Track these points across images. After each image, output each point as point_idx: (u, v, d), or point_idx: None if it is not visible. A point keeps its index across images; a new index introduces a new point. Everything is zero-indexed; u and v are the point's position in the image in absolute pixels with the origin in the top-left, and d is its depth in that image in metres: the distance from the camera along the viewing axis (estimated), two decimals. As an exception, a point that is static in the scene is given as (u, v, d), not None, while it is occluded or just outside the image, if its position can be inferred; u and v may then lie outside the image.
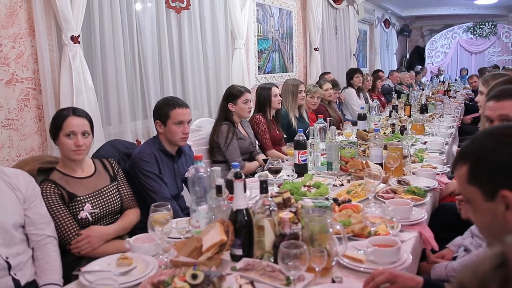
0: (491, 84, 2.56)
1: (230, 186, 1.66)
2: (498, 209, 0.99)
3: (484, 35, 13.46)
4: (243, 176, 1.54)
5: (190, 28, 4.09)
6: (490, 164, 1.00)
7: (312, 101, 4.56)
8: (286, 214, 1.48)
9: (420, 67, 12.19)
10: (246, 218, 1.51)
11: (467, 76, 11.87)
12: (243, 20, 4.71)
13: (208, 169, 1.69)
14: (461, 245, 2.18)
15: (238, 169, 1.58)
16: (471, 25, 13.56)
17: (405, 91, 6.24)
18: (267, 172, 2.31)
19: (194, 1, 4.07)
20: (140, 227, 2.17)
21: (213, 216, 1.64)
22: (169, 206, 1.63)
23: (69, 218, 2.00)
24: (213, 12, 4.39)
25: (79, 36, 2.83)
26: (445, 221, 2.54)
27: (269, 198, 1.53)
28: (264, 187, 1.51)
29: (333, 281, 1.40)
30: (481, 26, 13.41)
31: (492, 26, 13.33)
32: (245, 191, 1.69)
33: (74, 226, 2.00)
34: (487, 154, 1.01)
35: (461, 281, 0.61)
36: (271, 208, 1.49)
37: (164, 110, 2.48)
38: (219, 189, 1.60)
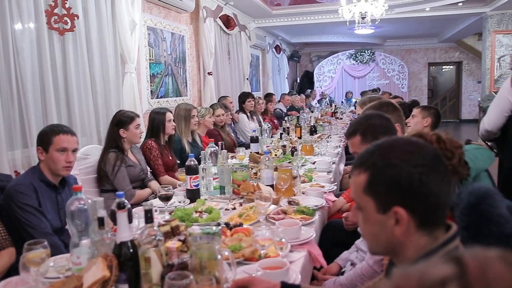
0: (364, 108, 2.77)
1: (114, 217, 1.57)
2: (388, 222, 1.01)
3: (364, 61, 14.69)
4: (127, 206, 1.47)
5: (76, 51, 3.90)
6: (390, 179, 1.01)
7: (210, 120, 4.58)
8: (173, 243, 1.44)
9: (310, 90, 12.88)
10: (131, 250, 1.44)
11: (352, 98, 12.80)
12: (133, 44, 4.61)
13: (89, 200, 1.58)
14: (348, 260, 2.29)
15: (123, 199, 1.50)
16: (353, 52, 14.73)
17: (293, 117, 6.50)
18: (152, 201, 2.23)
19: (80, 23, 3.90)
20: (17, 268, 1.97)
21: (96, 251, 1.54)
22: (45, 243, 1.49)
23: None
24: (101, 35, 4.23)
25: None
26: (334, 238, 2.66)
27: (155, 228, 1.47)
28: (149, 216, 1.45)
29: (224, 309, 1.38)
30: (361, 53, 14.64)
31: (371, 54, 14.62)
32: (130, 222, 1.61)
33: None
34: (389, 169, 1.01)
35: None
36: (157, 238, 1.44)
37: (47, 135, 2.32)
38: (101, 222, 1.50)
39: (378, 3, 6.70)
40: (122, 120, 3.24)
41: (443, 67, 16.01)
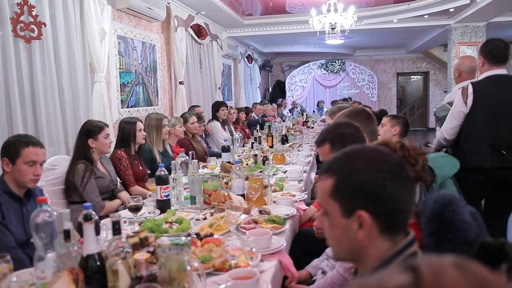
0: (337, 115, 2.81)
1: (81, 229, 1.54)
2: (352, 226, 1.04)
3: (335, 71, 14.92)
4: (94, 218, 1.44)
5: (43, 60, 3.83)
6: (355, 184, 1.04)
7: (181, 130, 4.55)
8: (141, 255, 1.42)
9: (281, 99, 12.97)
10: (98, 263, 1.41)
11: (324, 107, 12.96)
12: (103, 53, 4.56)
13: (55, 212, 1.54)
14: (319, 268, 2.31)
15: (90, 210, 1.47)
16: (324, 62, 14.94)
17: (266, 123, 6.54)
18: (120, 212, 2.20)
19: (47, 31, 3.83)
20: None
21: (61, 265, 1.50)
22: (8, 257, 1.45)
23: None
24: (69, 43, 4.17)
25: None
26: (305, 246, 2.67)
27: (123, 239, 1.45)
28: (116, 228, 1.43)
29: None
30: (332, 63, 14.86)
31: (341, 64, 14.86)
32: (98, 234, 1.58)
33: None
34: (355, 174, 1.05)
35: None
36: (125, 250, 1.41)
37: (15, 147, 2.25)
38: (67, 234, 1.46)
39: (347, 14, 6.82)
40: (91, 130, 3.18)
41: (411, 77, 16.40)
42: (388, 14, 8.74)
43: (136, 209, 2.29)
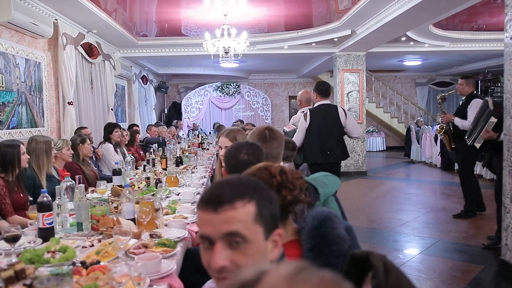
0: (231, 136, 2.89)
1: None
2: (267, 248, 1.05)
3: (230, 93, 15.27)
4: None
5: None
6: (272, 204, 1.07)
7: (68, 153, 4.30)
8: (16, 288, 1.33)
9: (176, 121, 12.90)
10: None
11: (221, 130, 13.10)
12: (-21, 70, 4.20)
13: None
14: (211, 289, 2.32)
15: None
16: (220, 84, 15.22)
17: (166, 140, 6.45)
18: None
19: None
20: None
21: None
22: None
23: None
24: None
25: None
26: (193, 266, 2.65)
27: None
28: (-13, 261, 1.33)
29: None
30: (227, 86, 15.19)
31: (236, 86, 15.27)
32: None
33: None
34: (270, 194, 1.09)
35: None
36: (-3, 284, 1.32)
37: None
38: None
39: (240, 39, 7.05)
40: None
41: (302, 100, 17.28)
42: (279, 41, 9.21)
43: (13, 240, 2.12)
